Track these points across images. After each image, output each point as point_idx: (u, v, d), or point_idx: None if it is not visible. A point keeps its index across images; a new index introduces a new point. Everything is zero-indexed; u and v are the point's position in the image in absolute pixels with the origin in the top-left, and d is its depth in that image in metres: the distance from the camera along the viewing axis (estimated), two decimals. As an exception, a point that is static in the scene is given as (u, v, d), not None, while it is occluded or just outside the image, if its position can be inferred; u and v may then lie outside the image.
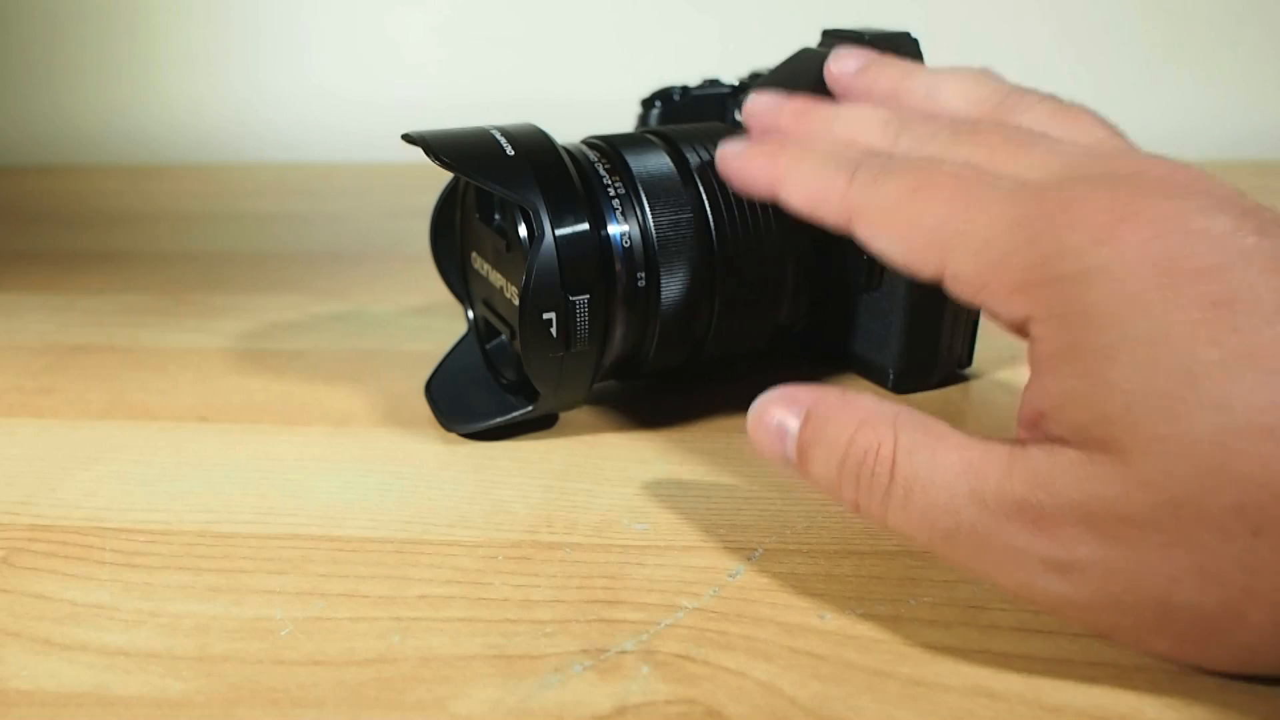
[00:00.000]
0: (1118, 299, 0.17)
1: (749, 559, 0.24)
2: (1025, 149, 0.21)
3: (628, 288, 0.28)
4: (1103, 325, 0.18)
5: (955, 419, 0.31)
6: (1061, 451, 0.18)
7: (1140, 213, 0.18)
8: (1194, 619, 0.17)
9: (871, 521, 0.21)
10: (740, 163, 0.26)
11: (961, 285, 0.20)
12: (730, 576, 0.23)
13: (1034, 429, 0.19)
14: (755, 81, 0.33)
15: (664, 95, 0.37)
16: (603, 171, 0.28)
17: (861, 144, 0.24)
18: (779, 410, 0.22)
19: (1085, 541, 0.18)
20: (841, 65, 0.28)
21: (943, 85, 0.26)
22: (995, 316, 0.20)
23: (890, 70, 0.27)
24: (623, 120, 0.38)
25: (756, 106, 0.28)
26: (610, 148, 0.29)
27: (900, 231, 0.21)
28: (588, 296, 0.26)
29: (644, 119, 0.37)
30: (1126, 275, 0.17)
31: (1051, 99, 0.24)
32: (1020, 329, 0.20)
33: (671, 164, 0.29)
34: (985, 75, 0.26)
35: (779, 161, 0.25)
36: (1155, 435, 0.17)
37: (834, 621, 0.22)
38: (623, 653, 0.21)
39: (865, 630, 0.21)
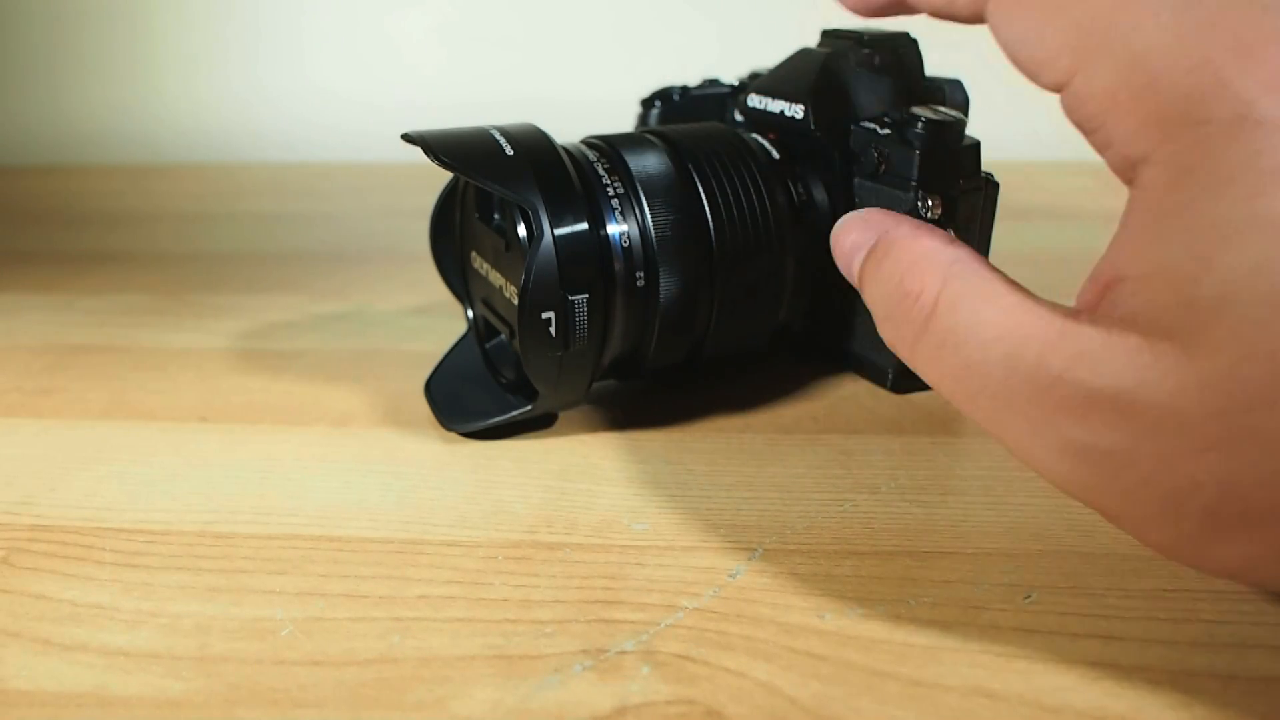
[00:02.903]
0: (1265, 168, 0.15)
1: (749, 559, 0.24)
2: None
3: (626, 287, 0.28)
4: (1234, 194, 0.15)
5: (954, 418, 0.31)
6: (1120, 333, 0.16)
7: None
8: (1204, 523, 0.16)
9: (904, 360, 0.20)
10: None
11: (1084, 101, 0.17)
12: (730, 576, 0.23)
13: (1104, 293, 0.17)
14: (754, 81, 0.33)
15: (664, 95, 0.37)
16: (602, 171, 0.28)
17: None
18: (857, 229, 0.22)
19: (1116, 429, 0.16)
20: None
21: None
22: (1105, 147, 0.18)
23: None
24: (623, 120, 0.38)
25: None
26: (609, 147, 0.29)
27: (1042, 18, 0.18)
28: (586, 296, 0.26)
29: (644, 119, 0.37)
30: None
31: None
32: (1128, 170, 0.17)
33: (670, 164, 0.29)
34: None
35: None
36: (1239, 338, 0.15)
37: (834, 621, 0.22)
38: (623, 653, 0.21)
39: (865, 630, 0.21)
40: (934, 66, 0.33)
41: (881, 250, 0.21)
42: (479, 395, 0.31)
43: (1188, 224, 0.16)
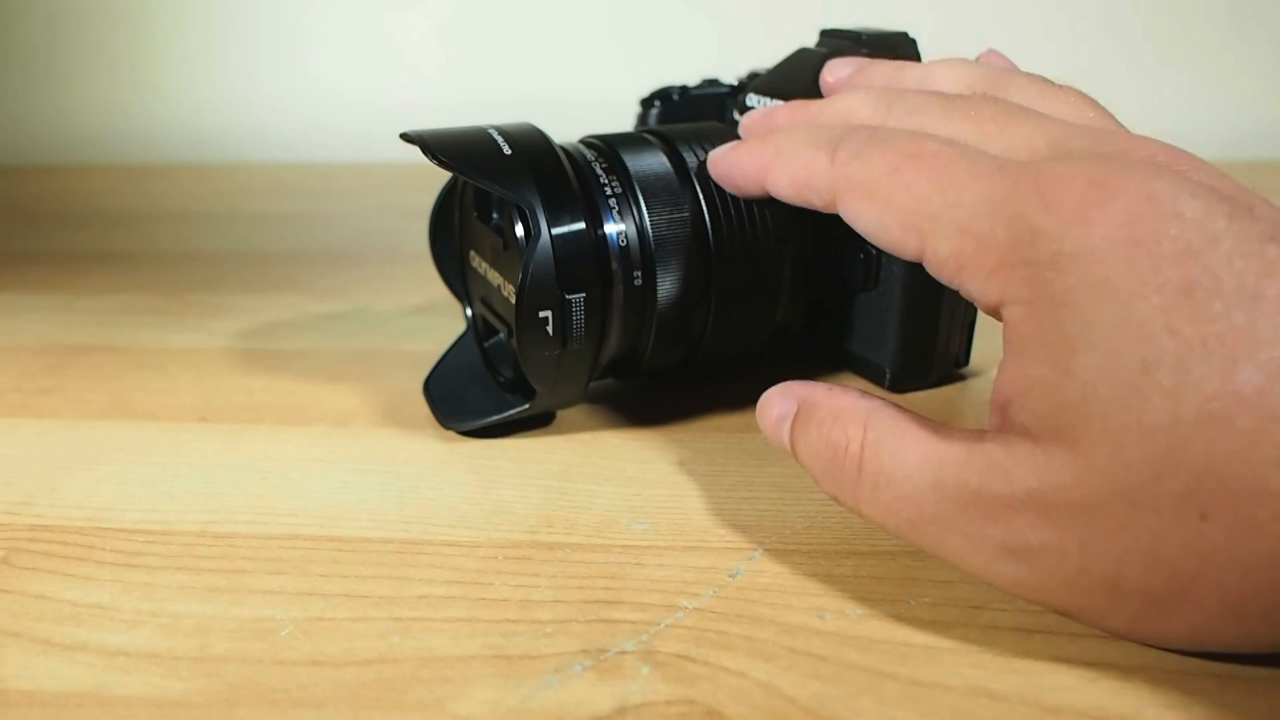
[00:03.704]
0: (1088, 285, 0.18)
1: (749, 559, 0.24)
2: (1013, 123, 0.21)
3: (624, 286, 0.28)
4: (1070, 312, 0.18)
5: (953, 418, 0.31)
6: (1018, 442, 0.19)
7: (1118, 195, 0.18)
8: (1144, 600, 0.18)
9: (849, 511, 0.22)
10: (729, 160, 0.27)
11: (940, 266, 0.20)
12: (730, 576, 0.23)
13: (1002, 415, 0.19)
14: (754, 81, 0.33)
15: (663, 95, 0.37)
16: (599, 171, 0.28)
17: (850, 124, 0.24)
18: (779, 402, 0.24)
19: (1037, 528, 0.18)
20: (836, 73, 0.28)
21: (935, 71, 0.26)
22: (973, 298, 0.20)
23: (884, 67, 0.27)
24: (622, 120, 0.38)
25: (751, 116, 0.28)
26: (607, 147, 0.29)
27: (881, 210, 0.21)
28: (584, 295, 0.26)
29: (643, 119, 0.37)
30: (1098, 261, 0.17)
31: (1042, 79, 0.24)
32: (996, 312, 0.20)
33: (669, 163, 0.29)
34: (975, 62, 0.26)
35: (765, 150, 0.25)
36: (1110, 425, 0.17)
37: (834, 621, 0.22)
38: (623, 653, 0.21)
39: (865, 630, 0.21)
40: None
41: (804, 415, 0.23)
42: (478, 394, 0.31)
43: (1044, 344, 0.18)
